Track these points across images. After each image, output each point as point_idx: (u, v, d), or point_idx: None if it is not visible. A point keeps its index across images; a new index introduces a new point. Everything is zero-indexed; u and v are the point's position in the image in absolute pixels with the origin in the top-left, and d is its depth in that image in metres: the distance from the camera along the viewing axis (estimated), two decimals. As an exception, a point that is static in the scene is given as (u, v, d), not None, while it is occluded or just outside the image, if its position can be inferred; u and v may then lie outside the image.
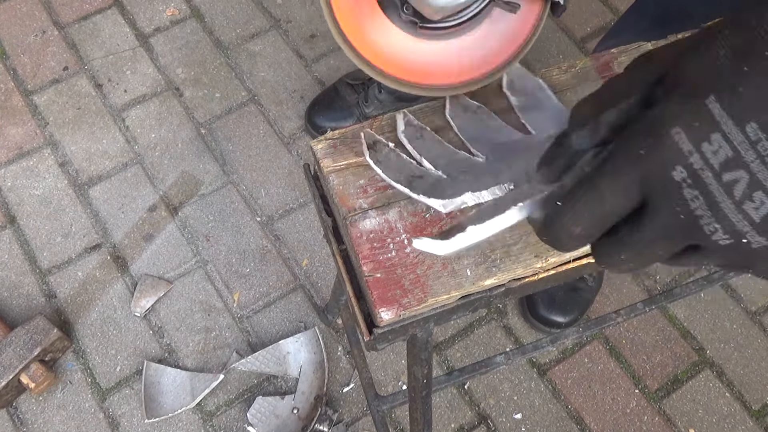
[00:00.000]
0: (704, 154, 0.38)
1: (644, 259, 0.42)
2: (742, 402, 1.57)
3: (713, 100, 0.37)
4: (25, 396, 1.52)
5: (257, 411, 1.49)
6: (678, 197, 0.39)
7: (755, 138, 0.36)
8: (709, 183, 0.38)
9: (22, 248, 1.67)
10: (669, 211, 0.40)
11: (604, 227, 0.43)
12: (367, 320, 0.67)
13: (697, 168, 0.38)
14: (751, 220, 0.38)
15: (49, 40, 1.93)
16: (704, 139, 0.37)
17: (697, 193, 0.38)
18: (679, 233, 0.40)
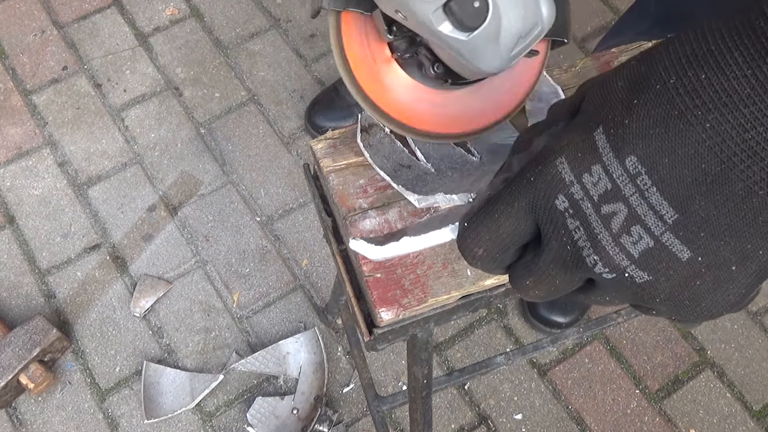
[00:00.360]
0: (585, 185, 0.38)
1: (548, 287, 0.42)
2: (742, 402, 1.57)
3: (600, 131, 0.37)
4: (25, 396, 1.52)
5: (257, 411, 1.49)
6: (563, 226, 0.39)
7: (634, 171, 0.36)
8: (589, 214, 0.38)
9: (21, 248, 1.67)
10: (558, 241, 0.40)
11: (505, 251, 0.43)
12: (367, 320, 0.67)
13: (577, 198, 0.38)
14: (630, 255, 0.37)
15: (48, 39, 1.93)
16: (586, 170, 0.37)
17: (579, 223, 0.38)
18: (570, 264, 0.40)
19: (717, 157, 0.34)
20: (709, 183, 0.34)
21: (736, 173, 0.33)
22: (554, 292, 0.43)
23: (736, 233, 0.35)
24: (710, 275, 0.37)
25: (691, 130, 0.34)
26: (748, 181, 0.33)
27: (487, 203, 0.43)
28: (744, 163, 0.33)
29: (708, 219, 0.35)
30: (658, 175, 0.35)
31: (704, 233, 0.36)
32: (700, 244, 0.36)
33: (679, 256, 0.37)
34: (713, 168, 0.34)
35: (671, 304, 0.40)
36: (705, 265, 0.37)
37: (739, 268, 0.37)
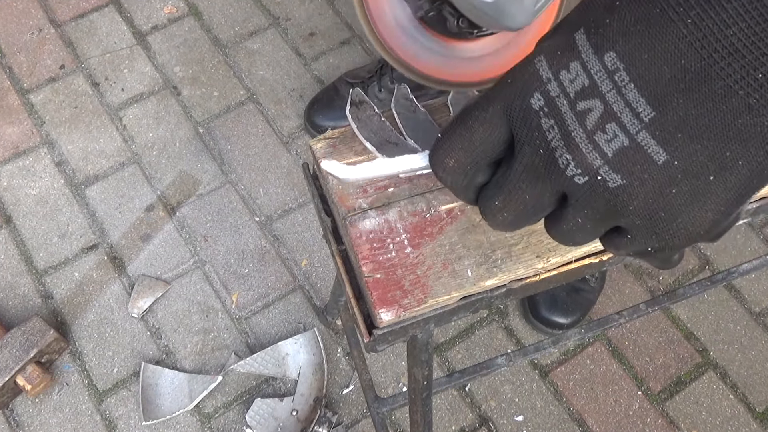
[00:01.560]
0: (561, 82, 0.37)
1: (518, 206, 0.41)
2: (746, 404, 1.56)
3: (582, 32, 0.37)
4: (21, 398, 1.51)
5: (256, 413, 1.49)
6: (536, 128, 0.38)
7: (613, 67, 0.35)
8: (564, 111, 0.37)
9: (18, 248, 1.66)
10: (531, 145, 0.39)
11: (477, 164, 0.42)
12: (367, 321, 0.67)
13: (553, 95, 0.37)
14: (603, 154, 0.37)
15: (46, 38, 1.92)
16: (563, 67, 0.37)
17: (553, 122, 0.37)
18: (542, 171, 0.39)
19: (697, 53, 0.33)
20: (688, 80, 0.34)
21: (716, 71, 0.33)
22: (524, 213, 0.42)
23: (714, 136, 0.35)
24: (687, 184, 0.37)
25: (672, 26, 0.33)
26: (729, 79, 0.33)
27: (460, 112, 0.42)
28: (725, 60, 0.32)
29: (686, 119, 0.35)
30: (636, 71, 0.35)
31: (681, 134, 0.35)
32: (676, 146, 0.35)
33: (655, 158, 0.36)
34: (693, 64, 0.33)
35: (645, 216, 0.38)
36: (681, 170, 0.36)
37: (717, 179, 0.36)
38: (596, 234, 0.42)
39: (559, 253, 0.67)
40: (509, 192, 0.41)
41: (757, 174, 0.36)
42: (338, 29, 1.97)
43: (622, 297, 1.65)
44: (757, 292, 1.67)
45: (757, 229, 1.74)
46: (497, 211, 0.42)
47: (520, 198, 0.41)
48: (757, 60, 0.32)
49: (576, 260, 0.68)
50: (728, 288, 1.67)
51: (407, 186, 0.70)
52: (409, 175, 0.67)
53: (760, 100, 0.33)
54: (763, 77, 0.32)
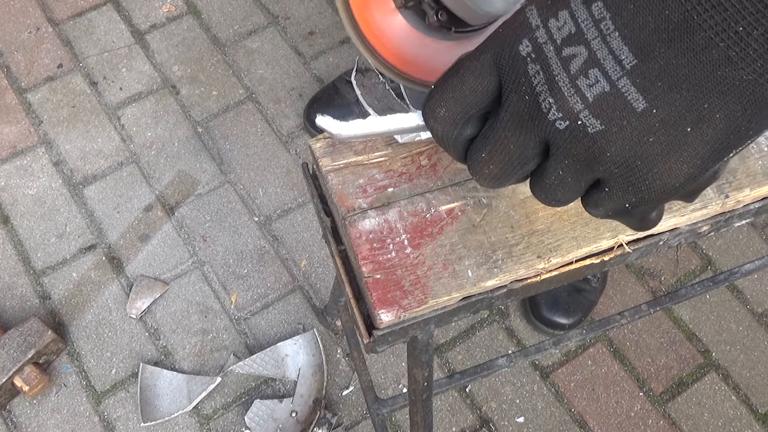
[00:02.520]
0: (549, 29, 0.38)
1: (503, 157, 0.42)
2: (748, 405, 1.55)
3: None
4: (19, 399, 1.51)
5: (255, 414, 1.48)
6: (523, 74, 0.39)
7: (599, 16, 0.36)
8: (550, 57, 0.38)
9: (15, 249, 1.66)
10: (518, 92, 0.40)
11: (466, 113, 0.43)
12: (367, 322, 0.67)
13: (541, 42, 0.38)
14: (584, 98, 0.38)
15: (43, 37, 1.91)
16: (552, 15, 0.38)
17: (539, 68, 0.39)
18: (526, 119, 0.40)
19: (681, 5, 0.34)
20: (670, 31, 0.35)
21: (698, 22, 0.34)
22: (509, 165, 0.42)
23: (693, 87, 0.36)
24: (664, 133, 0.37)
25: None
26: (710, 31, 0.34)
27: (456, 62, 0.43)
28: (707, 13, 0.33)
29: (666, 68, 0.36)
30: (621, 20, 0.36)
31: (661, 83, 0.36)
32: (656, 95, 0.36)
33: (634, 105, 0.37)
34: (676, 15, 0.34)
35: (622, 164, 0.39)
36: (659, 119, 0.37)
37: (694, 131, 0.37)
38: (577, 189, 0.42)
39: (560, 253, 0.66)
40: (495, 142, 0.42)
41: (734, 129, 0.37)
42: (338, 28, 1.96)
43: (624, 297, 1.65)
44: (759, 292, 1.66)
45: (759, 229, 1.74)
46: (483, 163, 0.43)
47: (506, 148, 0.42)
48: (738, 13, 0.33)
49: (577, 260, 0.68)
50: (730, 288, 1.67)
51: (407, 186, 0.70)
52: (404, 138, 0.67)
53: (739, 53, 0.34)
54: (743, 30, 0.33)
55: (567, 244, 0.67)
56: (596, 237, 0.67)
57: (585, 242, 0.67)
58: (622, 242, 0.67)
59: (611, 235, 0.67)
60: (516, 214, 0.68)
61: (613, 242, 0.67)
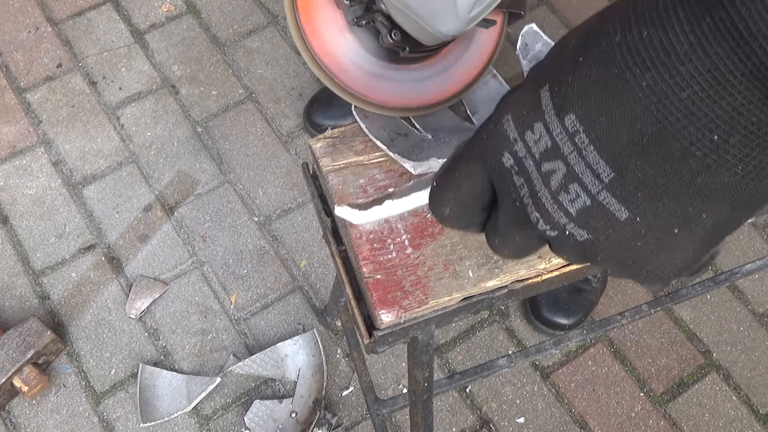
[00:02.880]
0: (527, 143, 0.38)
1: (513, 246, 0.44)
2: (749, 406, 1.55)
3: (546, 89, 0.37)
4: (18, 399, 1.50)
5: (255, 415, 1.48)
6: (511, 183, 0.40)
7: (573, 129, 0.36)
8: (531, 171, 0.39)
9: (14, 249, 1.65)
10: (509, 198, 0.41)
11: (470, 210, 0.44)
12: (367, 322, 0.67)
13: (521, 156, 0.39)
14: (568, 213, 0.38)
15: (43, 36, 1.91)
16: (528, 127, 0.38)
17: (523, 181, 0.39)
18: (522, 221, 0.41)
19: (653, 116, 0.33)
20: (645, 143, 0.34)
21: (672, 133, 0.33)
22: (521, 250, 0.44)
23: (674, 195, 0.35)
24: (652, 237, 0.37)
25: (628, 89, 0.33)
26: (685, 141, 0.33)
27: (449, 163, 0.44)
28: (680, 123, 0.33)
29: (645, 179, 0.35)
30: (595, 133, 0.35)
31: (641, 193, 0.36)
32: (637, 204, 0.36)
33: (617, 216, 0.37)
34: (649, 128, 0.34)
35: (614, 263, 0.40)
36: (644, 225, 0.37)
37: (682, 231, 0.37)
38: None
39: None
40: (502, 236, 0.43)
41: (723, 224, 0.37)
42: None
43: (624, 297, 1.64)
44: (760, 292, 1.66)
45: (760, 229, 1.73)
46: (498, 248, 0.45)
47: (512, 240, 0.43)
48: (712, 122, 0.32)
49: None
50: (731, 289, 1.66)
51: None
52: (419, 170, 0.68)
53: (717, 160, 0.33)
54: (719, 138, 0.32)
55: None
56: None
57: None
58: None
59: None
60: (517, 214, 0.68)
61: None
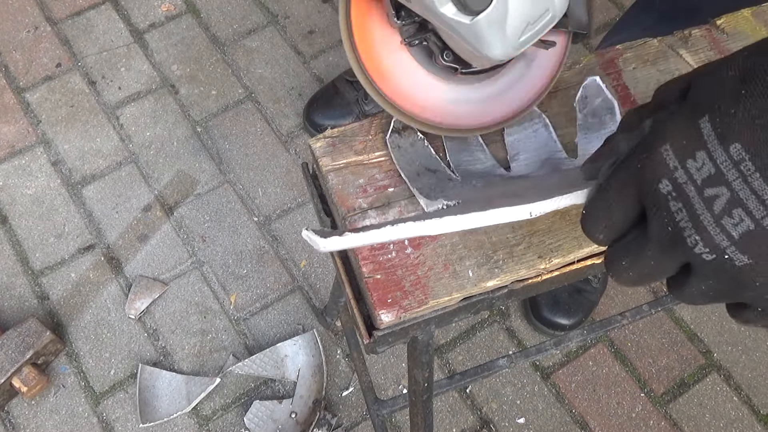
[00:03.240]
0: (688, 170, 0.40)
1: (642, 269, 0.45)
2: (750, 406, 1.54)
3: (706, 120, 0.40)
4: (17, 400, 1.50)
5: (254, 415, 1.48)
6: (665, 209, 0.42)
7: (738, 158, 0.38)
8: (692, 197, 0.40)
9: (14, 249, 1.65)
10: (659, 222, 0.42)
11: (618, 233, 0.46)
12: (367, 322, 0.67)
13: (681, 182, 0.41)
14: (730, 236, 0.39)
15: (42, 36, 1.91)
16: (690, 156, 0.40)
17: (681, 205, 0.41)
18: (667, 245, 0.43)
19: None
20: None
21: None
22: (647, 275, 0.46)
23: None
24: None
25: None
26: None
27: (599, 191, 0.47)
28: None
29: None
30: (761, 161, 0.37)
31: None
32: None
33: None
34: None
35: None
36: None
37: None
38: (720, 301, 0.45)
39: (561, 253, 0.66)
40: (636, 257, 0.45)
41: None
42: (337, 27, 1.95)
43: (625, 298, 1.64)
44: (761, 292, 1.65)
45: (760, 229, 1.73)
46: (623, 270, 0.47)
47: (647, 265, 0.45)
48: None
49: (578, 261, 0.68)
50: (732, 289, 1.65)
51: (408, 186, 0.69)
52: None
53: None
54: None
55: (568, 245, 0.67)
56: None
57: (586, 242, 0.67)
58: None
59: None
60: (517, 214, 0.68)
61: None
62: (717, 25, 0.79)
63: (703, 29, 0.79)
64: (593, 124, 0.72)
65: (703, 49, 0.77)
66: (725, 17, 0.79)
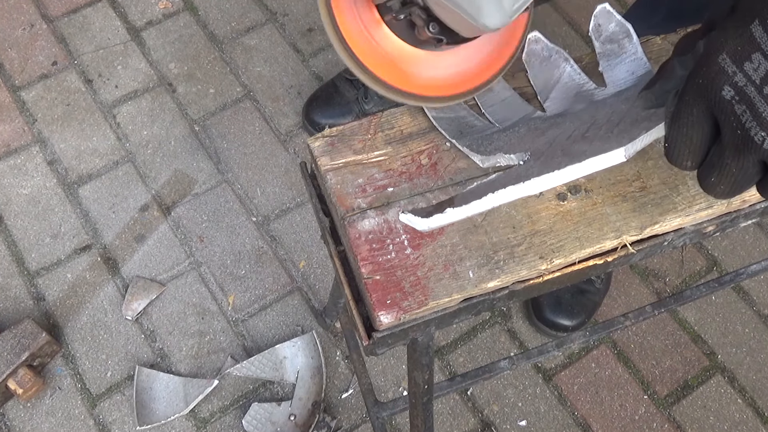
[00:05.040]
0: (747, 72, 0.44)
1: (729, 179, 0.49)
2: (754, 408, 1.54)
3: (757, 24, 0.44)
4: (13, 402, 1.50)
5: (253, 418, 1.47)
6: (732, 113, 0.46)
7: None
8: (753, 96, 0.44)
9: (9, 249, 1.64)
10: (730, 128, 0.46)
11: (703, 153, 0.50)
12: (366, 324, 0.67)
13: (741, 85, 0.45)
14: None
15: (38, 33, 1.90)
16: (746, 59, 0.44)
17: (745, 107, 0.45)
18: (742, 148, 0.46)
19: None
20: None
21: None
22: (737, 184, 0.49)
23: None
24: None
25: None
26: None
27: (673, 120, 0.51)
28: None
29: None
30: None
31: None
32: None
33: None
34: None
35: None
36: None
37: None
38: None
39: (563, 254, 0.67)
40: (720, 169, 0.49)
41: None
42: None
43: (628, 299, 1.63)
44: (766, 293, 1.65)
45: (765, 230, 1.72)
46: (714, 186, 0.50)
47: (729, 172, 0.48)
48: None
49: (580, 261, 0.68)
50: (736, 289, 1.65)
51: (407, 185, 0.70)
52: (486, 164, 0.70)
53: None
54: None
55: (570, 245, 0.67)
56: (600, 237, 0.67)
57: (588, 243, 0.67)
58: (626, 243, 0.67)
59: (615, 235, 0.67)
60: (518, 214, 0.69)
61: (617, 242, 0.67)
62: None
63: None
64: (612, 50, 0.74)
65: (706, 47, 0.77)
66: None
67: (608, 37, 0.74)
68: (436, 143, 0.72)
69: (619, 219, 0.67)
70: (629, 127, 0.59)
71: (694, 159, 0.51)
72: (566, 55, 0.73)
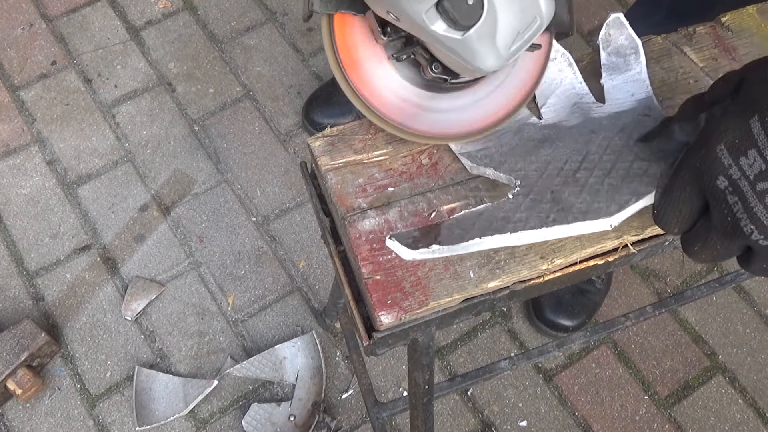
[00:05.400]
0: (742, 167, 0.46)
1: (712, 252, 0.52)
2: (755, 409, 1.53)
3: (756, 119, 0.45)
4: (12, 403, 1.50)
5: (252, 418, 1.47)
6: (724, 201, 0.48)
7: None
8: (746, 191, 0.46)
9: (8, 249, 1.64)
10: (720, 213, 0.49)
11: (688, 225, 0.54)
12: (367, 324, 0.67)
13: (735, 178, 0.47)
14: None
15: (37, 33, 1.90)
16: (742, 154, 0.46)
17: (737, 198, 0.47)
18: (729, 232, 0.49)
19: None
20: None
21: None
22: (717, 256, 0.53)
23: None
24: None
25: None
26: None
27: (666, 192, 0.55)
28: None
29: None
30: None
31: None
32: None
33: None
34: None
35: None
36: None
37: None
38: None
39: (563, 254, 0.66)
40: (704, 243, 0.53)
41: None
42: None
43: (629, 299, 1.63)
44: (766, 293, 1.65)
45: (765, 229, 1.72)
46: (697, 253, 0.54)
47: (713, 247, 0.52)
48: None
49: (581, 261, 0.68)
50: (737, 290, 1.65)
51: (408, 185, 0.70)
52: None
53: None
54: None
55: (571, 245, 0.66)
56: (600, 237, 0.67)
57: (589, 243, 0.67)
58: (627, 243, 0.67)
59: (616, 235, 0.67)
60: (520, 213, 0.67)
61: (618, 243, 0.67)
62: (722, 23, 0.79)
63: (707, 27, 0.79)
64: (618, 64, 0.73)
65: (707, 46, 0.78)
66: (730, 14, 0.79)
67: (616, 49, 0.74)
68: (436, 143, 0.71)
69: (620, 219, 0.67)
70: (620, 183, 0.63)
71: (681, 228, 0.55)
72: (571, 59, 0.73)
